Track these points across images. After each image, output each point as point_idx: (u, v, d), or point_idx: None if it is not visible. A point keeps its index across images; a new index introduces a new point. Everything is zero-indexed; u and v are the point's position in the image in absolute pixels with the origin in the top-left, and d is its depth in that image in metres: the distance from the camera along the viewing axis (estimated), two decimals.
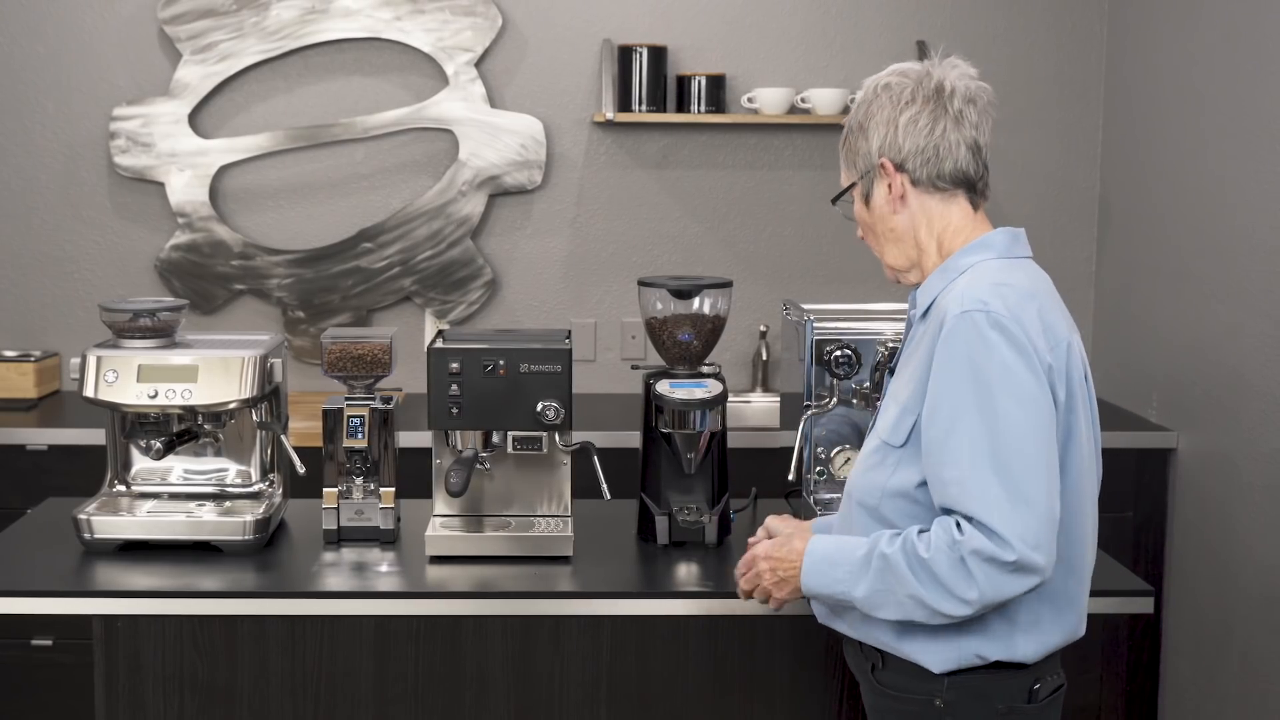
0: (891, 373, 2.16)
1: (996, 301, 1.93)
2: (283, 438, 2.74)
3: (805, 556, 2.06)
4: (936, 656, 2.01)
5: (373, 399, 2.71)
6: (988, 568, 1.88)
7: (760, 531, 2.32)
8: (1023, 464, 1.88)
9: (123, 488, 2.78)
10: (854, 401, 2.68)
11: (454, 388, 2.56)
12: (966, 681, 2.01)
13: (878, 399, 2.62)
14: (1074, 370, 1.99)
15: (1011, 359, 1.90)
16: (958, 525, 1.90)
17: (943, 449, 1.92)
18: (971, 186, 2.09)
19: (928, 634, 2.00)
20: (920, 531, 1.96)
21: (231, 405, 2.62)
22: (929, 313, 2.06)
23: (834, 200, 2.20)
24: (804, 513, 2.73)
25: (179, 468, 2.79)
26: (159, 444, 2.67)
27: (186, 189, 4.19)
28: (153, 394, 2.59)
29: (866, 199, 2.12)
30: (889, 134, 2.06)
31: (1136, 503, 3.79)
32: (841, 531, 2.14)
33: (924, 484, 1.99)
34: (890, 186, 2.08)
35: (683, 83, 4.16)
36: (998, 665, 2.01)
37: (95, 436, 3.52)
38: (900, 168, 2.07)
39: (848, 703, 2.63)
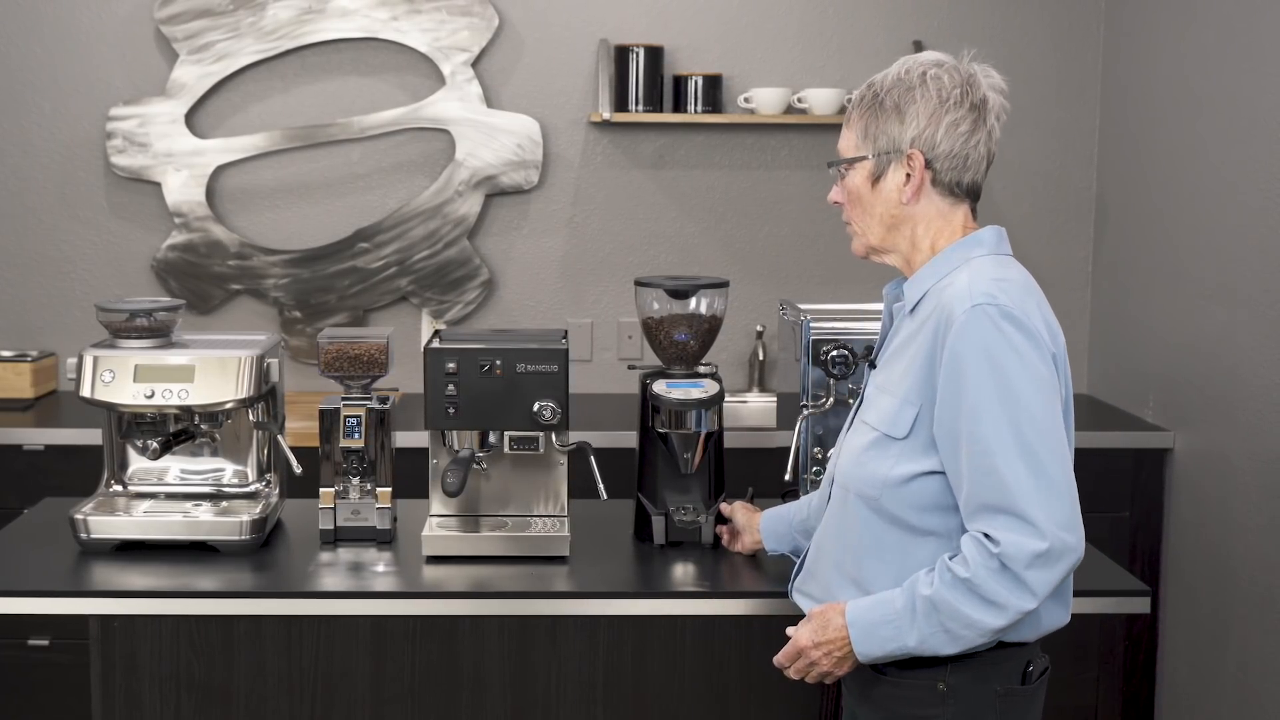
0: (873, 365, 2.20)
1: (1003, 295, 1.99)
2: (279, 438, 2.74)
3: (849, 628, 2.07)
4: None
5: (369, 399, 2.71)
6: (1032, 568, 1.93)
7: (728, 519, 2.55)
8: (1045, 447, 1.95)
9: (119, 488, 2.77)
10: (851, 401, 2.67)
11: (451, 388, 2.56)
12: (967, 665, 2.05)
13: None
14: (1063, 366, 2.06)
15: (1025, 347, 1.97)
16: (987, 537, 1.95)
17: (969, 441, 1.96)
18: (977, 198, 2.15)
19: None
20: (951, 557, 2.00)
21: (228, 405, 2.62)
22: (918, 307, 2.10)
23: (833, 164, 2.20)
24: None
25: (176, 468, 2.79)
26: (156, 444, 2.66)
27: (183, 189, 4.19)
28: (149, 394, 2.59)
29: (875, 177, 2.13)
30: (929, 129, 2.08)
31: (1133, 503, 3.79)
32: (834, 523, 2.17)
33: (926, 474, 2.03)
34: (909, 177, 2.10)
35: (679, 83, 4.16)
36: (996, 647, 2.06)
37: (92, 436, 3.52)
38: (929, 165, 2.09)
39: (842, 702, 2.63)
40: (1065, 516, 1.94)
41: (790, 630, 2.17)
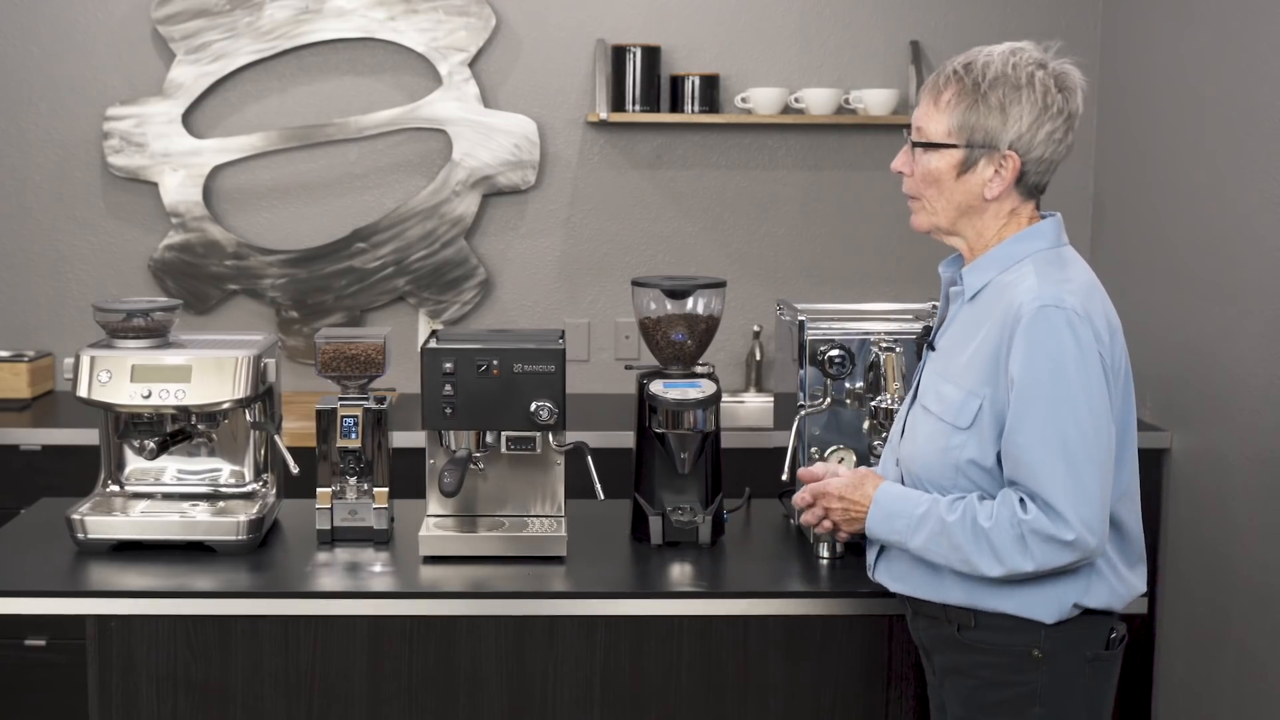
0: (931, 347, 2.25)
1: (1070, 298, 2.07)
2: (276, 438, 2.74)
3: (872, 504, 2.21)
4: (1044, 609, 2.11)
5: (366, 399, 2.71)
6: (1045, 545, 2.04)
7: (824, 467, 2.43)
8: (1085, 451, 2.03)
9: (116, 488, 2.77)
10: (848, 402, 2.68)
11: (448, 388, 2.56)
12: (1062, 632, 2.12)
13: (873, 400, 2.63)
14: (1121, 358, 2.14)
15: (1081, 355, 2.04)
16: (1021, 502, 2.06)
17: (1019, 432, 2.05)
18: (1042, 193, 2.22)
19: (1030, 589, 2.11)
20: (982, 499, 2.10)
21: (225, 405, 2.62)
22: (978, 295, 2.17)
23: (918, 145, 2.18)
24: (797, 515, 2.73)
25: (172, 468, 2.79)
26: (152, 444, 2.67)
27: (180, 189, 4.19)
28: (146, 394, 2.59)
29: (962, 167, 2.14)
30: (1029, 133, 2.11)
31: None
32: None
33: (993, 459, 2.11)
34: (998, 173, 2.13)
35: (676, 83, 4.16)
36: (1085, 614, 2.13)
37: (89, 436, 3.51)
38: (1020, 167, 2.13)
39: (841, 703, 2.63)
40: (1091, 518, 2.04)
41: (819, 469, 2.38)
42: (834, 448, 2.68)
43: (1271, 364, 3.25)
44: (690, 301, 2.72)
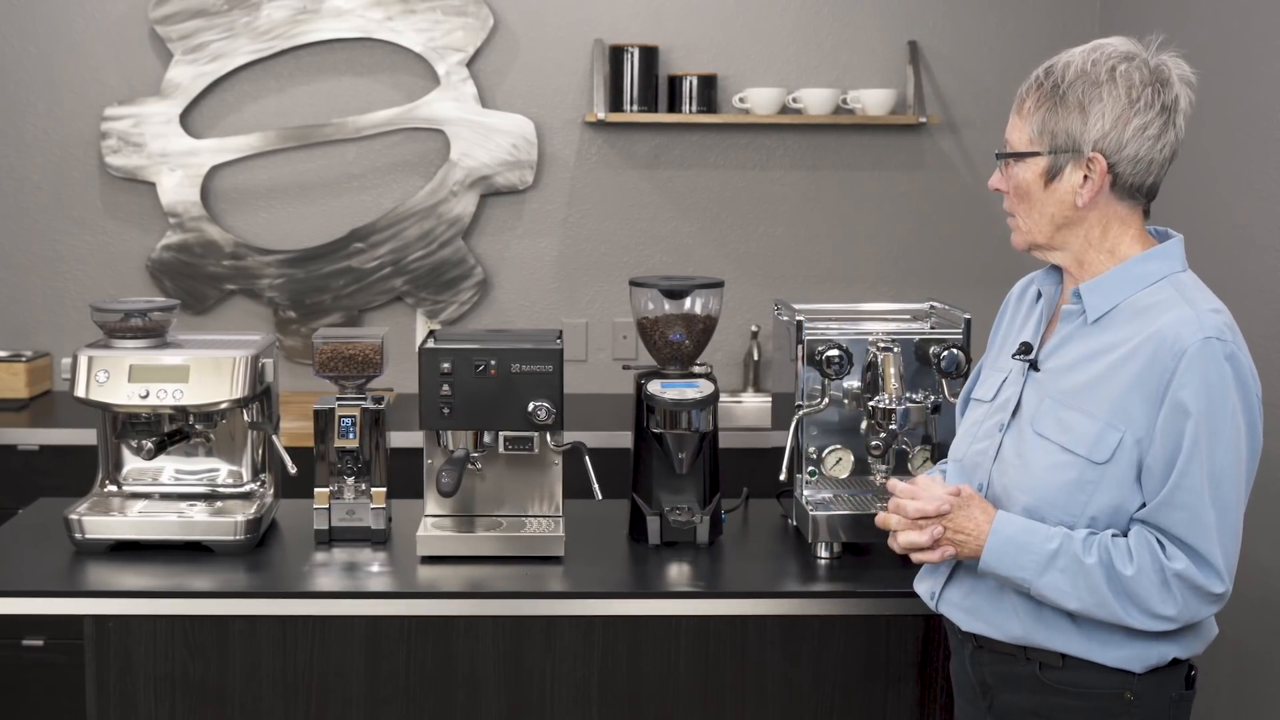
0: (1034, 366, 2.09)
1: (1228, 332, 1.94)
2: (274, 438, 2.74)
3: (991, 535, 2.01)
4: (1137, 661, 2.02)
5: (364, 399, 2.70)
6: (1192, 594, 1.95)
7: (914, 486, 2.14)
8: (1235, 499, 1.97)
9: (114, 488, 2.77)
10: (845, 402, 2.67)
11: (445, 388, 2.56)
12: (1153, 674, 2.03)
13: (871, 400, 2.63)
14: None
15: (1243, 396, 1.94)
16: (1160, 544, 1.95)
17: (1181, 474, 1.94)
18: (1153, 197, 2.07)
19: (1122, 640, 2.01)
20: (1114, 536, 1.97)
21: (223, 405, 2.62)
22: (1106, 318, 2.03)
23: (1001, 156, 2.07)
24: (797, 514, 2.73)
25: (170, 468, 2.79)
26: (150, 444, 2.67)
27: (178, 189, 4.19)
28: (144, 394, 2.58)
29: (1050, 176, 2.01)
30: (1115, 131, 1.98)
31: None
32: None
33: (1129, 506, 1.99)
34: (1087, 178, 2.00)
35: (674, 83, 4.16)
36: (1173, 659, 2.05)
37: (87, 436, 3.52)
38: (1111, 168, 1.99)
39: (839, 703, 2.63)
40: (1234, 569, 1.97)
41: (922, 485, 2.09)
42: (831, 447, 2.68)
43: (1272, 364, 3.25)
44: (688, 301, 2.72)
